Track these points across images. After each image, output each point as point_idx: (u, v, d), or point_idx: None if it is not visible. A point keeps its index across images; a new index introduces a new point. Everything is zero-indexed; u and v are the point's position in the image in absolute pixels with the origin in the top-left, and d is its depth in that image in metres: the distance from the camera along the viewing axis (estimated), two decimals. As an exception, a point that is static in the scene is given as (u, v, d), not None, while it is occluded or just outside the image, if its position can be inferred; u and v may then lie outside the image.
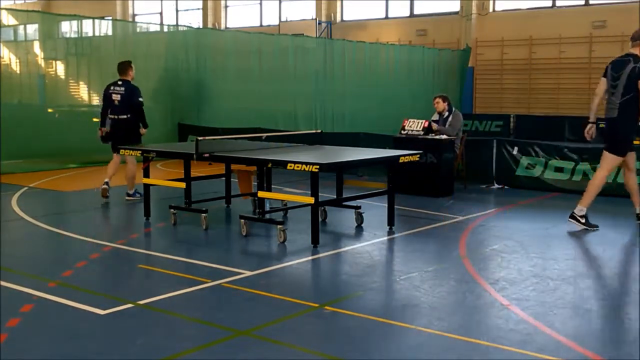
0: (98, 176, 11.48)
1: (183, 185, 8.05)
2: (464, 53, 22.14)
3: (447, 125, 10.23)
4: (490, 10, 22.38)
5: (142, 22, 21.75)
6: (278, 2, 26.62)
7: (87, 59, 15.44)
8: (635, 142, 7.87)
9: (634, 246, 6.88)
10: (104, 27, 17.19)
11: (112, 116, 9.38)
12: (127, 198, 9.36)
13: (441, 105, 10.41)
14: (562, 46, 20.78)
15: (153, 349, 4.17)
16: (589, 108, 7.79)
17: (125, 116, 9.31)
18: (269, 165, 7.08)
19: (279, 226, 6.97)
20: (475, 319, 4.81)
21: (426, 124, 10.07)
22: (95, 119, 14.98)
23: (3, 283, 5.45)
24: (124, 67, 9.52)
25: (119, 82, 9.45)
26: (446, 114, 10.38)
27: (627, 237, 7.31)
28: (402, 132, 10.19)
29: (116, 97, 9.34)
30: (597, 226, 7.41)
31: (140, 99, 9.37)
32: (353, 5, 25.28)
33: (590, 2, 20.66)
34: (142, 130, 9.42)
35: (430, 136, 9.96)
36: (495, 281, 5.62)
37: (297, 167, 6.54)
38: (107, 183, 9.38)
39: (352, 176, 11.43)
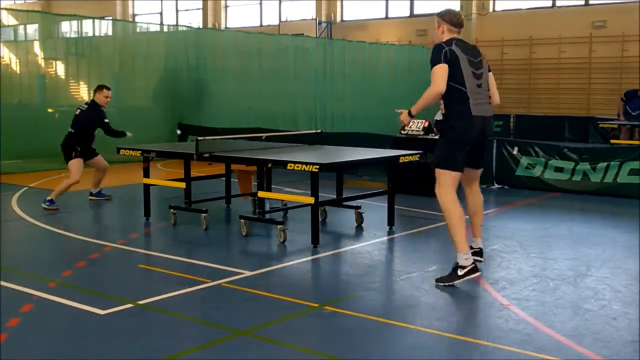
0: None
1: (183, 185, 8.05)
2: (464, 53, 22.11)
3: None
4: (490, 10, 22.37)
5: (142, 22, 21.76)
6: (278, 2, 26.61)
7: (87, 59, 15.44)
8: None
9: (634, 246, 6.87)
10: (104, 27, 17.16)
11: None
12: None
13: None
14: (562, 46, 20.77)
15: (153, 349, 4.17)
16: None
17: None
18: (269, 165, 7.08)
19: (279, 226, 6.98)
20: (475, 319, 4.81)
21: (426, 124, 10.05)
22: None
23: (3, 283, 5.45)
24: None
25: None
26: None
27: (628, 237, 7.30)
28: (402, 132, 10.18)
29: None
30: None
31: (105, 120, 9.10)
32: (353, 5, 25.26)
33: (590, 2, 20.65)
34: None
35: (430, 136, 9.96)
36: (495, 281, 5.62)
37: (297, 167, 6.54)
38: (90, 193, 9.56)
39: (352, 176, 11.42)
